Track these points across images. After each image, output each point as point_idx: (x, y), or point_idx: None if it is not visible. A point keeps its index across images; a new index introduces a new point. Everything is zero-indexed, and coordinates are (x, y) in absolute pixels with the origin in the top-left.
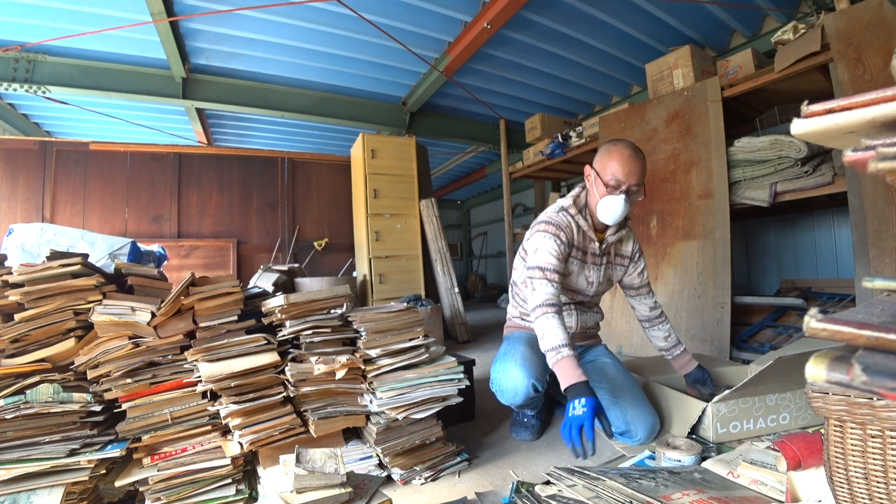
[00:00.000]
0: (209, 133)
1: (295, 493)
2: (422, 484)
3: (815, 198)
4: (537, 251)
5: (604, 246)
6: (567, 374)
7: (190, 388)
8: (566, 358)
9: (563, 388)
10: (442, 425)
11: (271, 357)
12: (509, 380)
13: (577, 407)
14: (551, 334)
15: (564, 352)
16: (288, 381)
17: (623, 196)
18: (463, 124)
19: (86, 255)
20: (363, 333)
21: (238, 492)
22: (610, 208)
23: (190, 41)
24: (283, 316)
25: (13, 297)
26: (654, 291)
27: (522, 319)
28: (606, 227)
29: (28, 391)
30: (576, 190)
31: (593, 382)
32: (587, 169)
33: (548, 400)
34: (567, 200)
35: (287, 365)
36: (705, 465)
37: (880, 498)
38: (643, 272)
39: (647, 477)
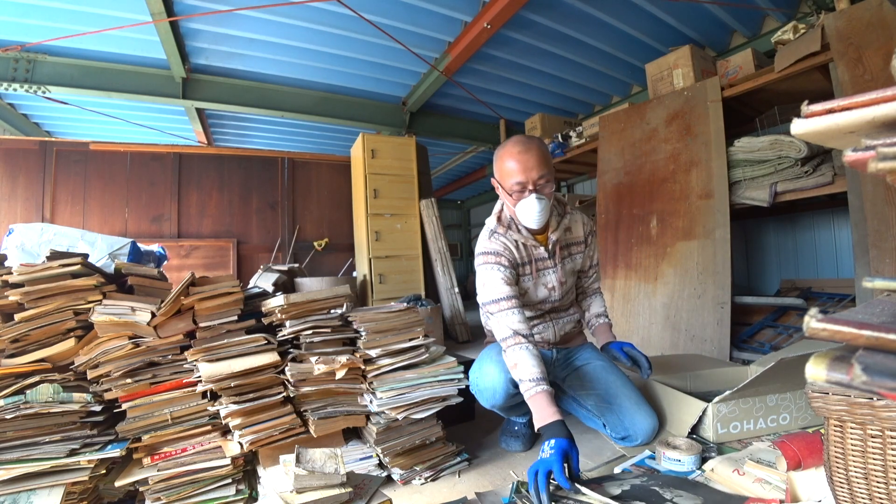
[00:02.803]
0: (209, 133)
1: (295, 493)
2: (422, 484)
3: (815, 198)
4: (485, 286)
5: (550, 247)
6: (541, 412)
7: (190, 388)
8: (540, 394)
9: (536, 427)
10: (442, 425)
11: (271, 357)
12: (486, 378)
13: (546, 449)
14: (524, 366)
15: (539, 387)
16: (288, 381)
17: (534, 195)
18: (463, 124)
19: (86, 255)
20: (363, 333)
21: (238, 492)
22: (528, 212)
23: (190, 41)
24: (283, 316)
25: (13, 297)
26: (599, 277)
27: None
28: (545, 228)
29: (28, 391)
30: (496, 206)
31: (587, 389)
32: (493, 181)
33: None
34: (492, 221)
35: (287, 365)
36: (711, 463)
37: (880, 498)
38: (593, 255)
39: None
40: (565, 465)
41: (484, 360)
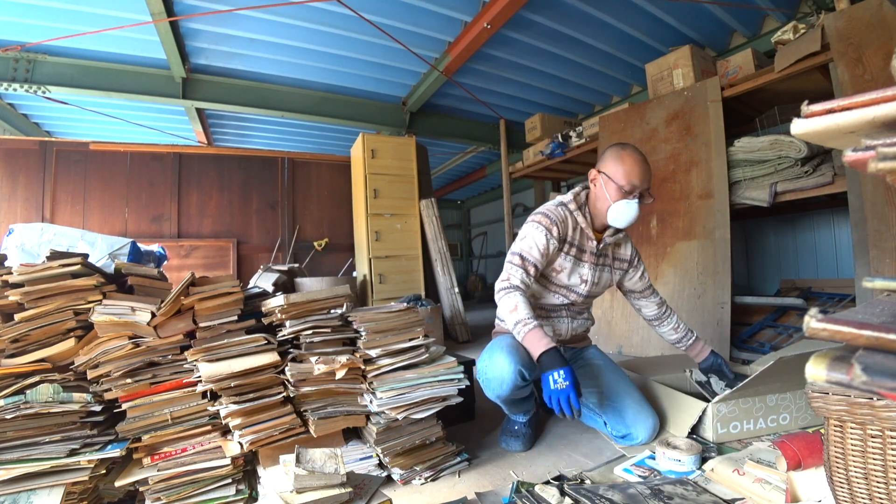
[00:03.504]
0: (209, 133)
1: (295, 493)
2: (422, 484)
3: (815, 198)
4: (524, 239)
5: (601, 246)
6: (536, 342)
7: (190, 388)
8: (534, 328)
9: (534, 357)
10: (442, 425)
11: (271, 357)
12: (495, 367)
13: (559, 381)
14: (519, 309)
15: (531, 323)
16: (288, 381)
17: (637, 201)
18: (463, 124)
19: (86, 255)
20: (363, 333)
21: (238, 492)
22: (624, 213)
23: (190, 41)
24: (283, 316)
25: (13, 297)
26: (656, 291)
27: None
28: (605, 228)
29: (28, 391)
30: (577, 188)
31: (589, 387)
32: (593, 173)
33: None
34: (567, 196)
35: (287, 365)
36: (711, 463)
37: (880, 498)
38: (644, 275)
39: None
40: (577, 390)
41: (495, 350)
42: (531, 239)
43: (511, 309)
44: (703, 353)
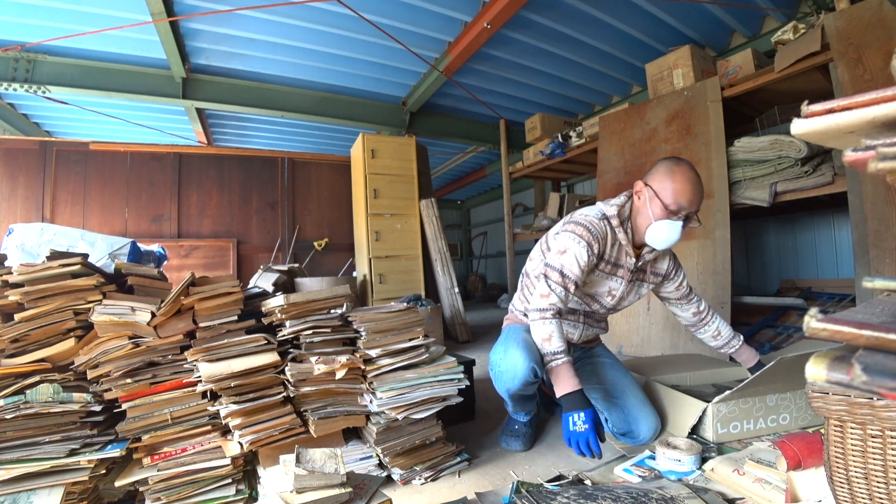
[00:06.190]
0: (209, 133)
1: (295, 493)
2: (422, 484)
3: (815, 198)
4: (565, 253)
5: (640, 263)
6: (563, 381)
7: (190, 388)
8: (564, 364)
9: (557, 394)
10: (442, 425)
11: (271, 357)
12: (510, 360)
13: (578, 423)
14: (552, 338)
15: (562, 358)
16: (288, 381)
17: (681, 223)
18: (463, 124)
19: (86, 255)
20: (363, 333)
21: (238, 492)
22: (665, 234)
23: (190, 41)
24: (283, 316)
25: (13, 297)
26: (698, 298)
27: (526, 315)
28: (644, 244)
29: (28, 391)
30: (621, 199)
31: (593, 383)
32: (639, 185)
33: (545, 400)
34: (611, 209)
35: (287, 365)
36: (711, 463)
37: (880, 498)
38: (682, 285)
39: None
40: (597, 432)
41: (510, 343)
42: (572, 255)
43: (545, 338)
44: (753, 359)
